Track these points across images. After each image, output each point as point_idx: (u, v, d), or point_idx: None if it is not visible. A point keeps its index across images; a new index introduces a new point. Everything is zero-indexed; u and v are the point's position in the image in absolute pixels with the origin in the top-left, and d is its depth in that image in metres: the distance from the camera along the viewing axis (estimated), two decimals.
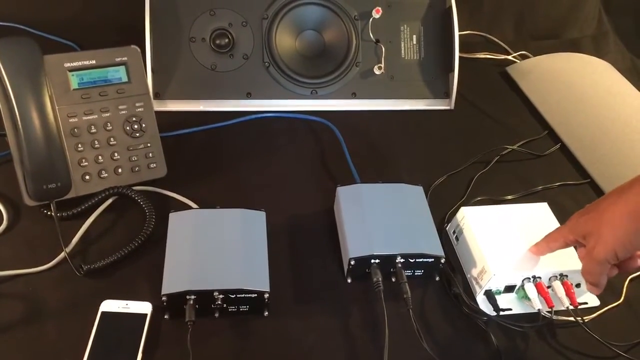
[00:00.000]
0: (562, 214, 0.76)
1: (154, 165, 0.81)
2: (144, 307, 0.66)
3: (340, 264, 0.74)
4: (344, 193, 0.78)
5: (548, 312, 0.68)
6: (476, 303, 0.70)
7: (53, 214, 0.72)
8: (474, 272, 0.72)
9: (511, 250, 0.71)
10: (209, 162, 0.87)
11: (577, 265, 0.70)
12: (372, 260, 0.70)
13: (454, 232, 0.78)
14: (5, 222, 0.74)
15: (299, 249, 0.76)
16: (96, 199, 0.76)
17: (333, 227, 0.79)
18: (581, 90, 1.06)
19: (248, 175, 0.86)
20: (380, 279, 0.69)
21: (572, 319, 0.68)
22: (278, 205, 0.79)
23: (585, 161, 0.93)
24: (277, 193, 0.84)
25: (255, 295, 0.65)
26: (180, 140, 0.90)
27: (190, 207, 0.78)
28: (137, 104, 0.79)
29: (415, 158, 0.92)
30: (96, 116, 0.76)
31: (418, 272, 0.72)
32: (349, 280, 0.72)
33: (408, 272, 0.71)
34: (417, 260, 0.71)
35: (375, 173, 0.86)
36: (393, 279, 0.72)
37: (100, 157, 0.77)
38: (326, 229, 0.79)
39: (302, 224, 0.79)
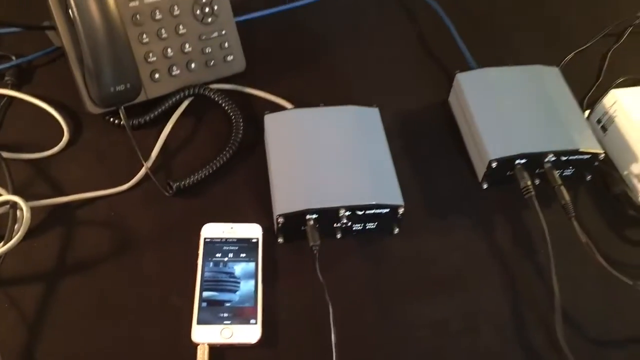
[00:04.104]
0: None
1: (231, 57, 0.66)
2: (254, 230, 0.55)
3: (470, 167, 0.62)
4: (465, 81, 0.64)
5: None
6: None
7: (124, 122, 0.59)
8: (636, 168, 0.60)
9: None
10: (290, 51, 0.73)
11: None
12: (517, 161, 0.58)
13: (598, 122, 0.65)
14: (66, 135, 0.62)
15: (417, 151, 0.64)
16: (170, 102, 0.63)
17: (452, 123, 0.66)
18: None
19: (339, 66, 0.71)
20: (530, 183, 0.57)
21: None
22: (384, 100, 0.65)
23: None
24: (378, 85, 0.70)
25: (388, 210, 0.54)
26: (250, 28, 0.74)
27: (283, 107, 0.65)
28: None
29: (532, 35, 0.77)
30: None
31: (567, 172, 0.60)
32: (485, 186, 0.61)
33: (556, 173, 0.58)
34: (569, 158, 0.58)
35: (490, 55, 0.70)
36: (537, 182, 0.60)
37: (169, 50, 0.63)
38: (444, 126, 0.66)
39: (414, 121, 0.66)
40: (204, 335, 0.48)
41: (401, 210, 0.54)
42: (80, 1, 0.54)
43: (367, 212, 0.54)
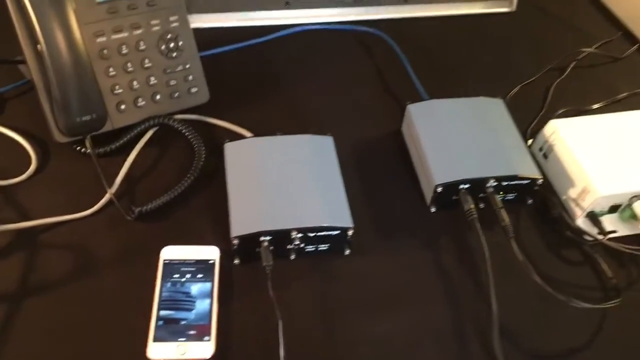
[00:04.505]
0: None
1: (195, 89, 0.70)
2: (211, 252, 0.57)
3: (419, 192, 0.66)
4: (416, 111, 0.68)
5: None
6: (579, 227, 0.63)
7: (90, 150, 0.62)
8: (572, 192, 0.64)
9: (615, 165, 0.63)
10: (252, 84, 0.77)
11: None
12: (461, 186, 0.62)
13: (540, 149, 0.70)
14: (34, 163, 0.64)
15: (371, 177, 0.67)
16: (135, 132, 0.67)
17: (403, 151, 0.70)
18: None
19: (297, 98, 0.76)
20: (473, 206, 0.61)
21: None
22: (339, 130, 0.69)
23: None
24: (334, 115, 0.74)
25: (338, 232, 0.57)
26: (215, 61, 0.78)
27: (243, 136, 0.68)
28: (171, 18, 0.67)
29: (482, 68, 0.82)
30: (126, 34, 0.65)
31: (509, 196, 0.64)
32: (433, 210, 0.64)
33: (498, 197, 0.62)
34: (510, 183, 0.62)
35: (440, 88, 0.76)
36: (481, 206, 0.63)
37: (135, 83, 0.66)
38: (396, 154, 0.70)
39: (367, 149, 0.70)
40: (159, 352, 0.51)
41: (350, 232, 0.57)
42: (48, 37, 0.58)
43: (318, 233, 0.57)
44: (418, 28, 0.87)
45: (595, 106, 0.76)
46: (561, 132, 0.66)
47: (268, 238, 0.56)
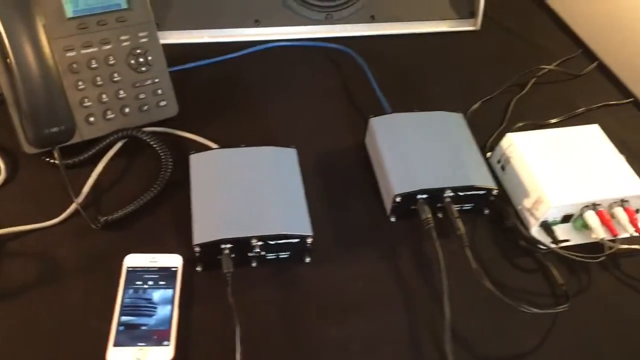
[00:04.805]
0: (609, 136, 0.71)
1: (164, 103, 0.72)
2: (174, 260, 0.59)
3: (380, 203, 0.68)
4: (378, 124, 0.71)
5: (610, 241, 0.63)
6: (532, 236, 0.65)
7: (58, 161, 0.64)
8: (527, 202, 0.66)
9: (567, 176, 0.65)
10: (221, 98, 0.79)
11: (639, 189, 0.65)
12: (419, 196, 0.64)
13: (498, 162, 0.72)
14: (3, 174, 0.66)
15: (333, 188, 0.69)
16: (104, 143, 0.68)
17: (366, 163, 0.72)
18: (616, 3, 0.98)
19: (265, 111, 0.78)
20: (429, 215, 0.63)
21: (637, 246, 0.63)
22: (304, 142, 0.71)
23: (626, 79, 0.86)
24: (301, 128, 0.76)
25: (298, 240, 0.59)
26: (187, 76, 0.81)
27: (209, 148, 0.70)
28: (141, 34, 0.69)
29: (445, 84, 0.85)
30: (96, 49, 0.67)
31: (467, 206, 0.66)
32: (393, 219, 0.66)
33: (456, 207, 0.64)
34: (467, 193, 0.65)
35: (404, 102, 0.78)
36: (440, 215, 0.66)
37: (104, 96, 0.68)
38: (359, 165, 0.72)
39: (332, 161, 0.72)
40: (118, 356, 0.52)
41: (310, 240, 0.59)
42: (17, 51, 0.60)
43: (278, 241, 0.58)
44: (385, 45, 0.90)
45: (553, 121, 0.79)
46: (517, 144, 0.69)
47: (229, 246, 0.57)
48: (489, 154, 0.74)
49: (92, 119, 0.68)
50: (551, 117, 0.79)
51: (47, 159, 0.67)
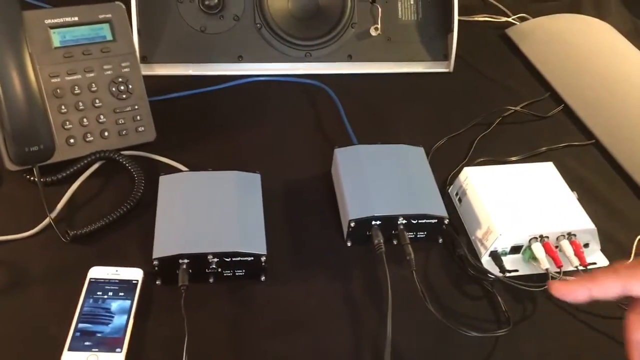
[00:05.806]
0: (567, 175, 0.74)
1: (142, 128, 0.77)
2: (135, 273, 0.62)
3: (339, 228, 0.71)
4: (342, 155, 0.75)
5: (556, 272, 0.66)
6: (481, 265, 0.68)
7: (36, 178, 0.68)
8: (479, 233, 0.69)
9: (517, 209, 0.68)
10: (199, 127, 0.84)
11: (586, 224, 0.68)
12: (373, 222, 0.67)
13: (456, 194, 0.75)
14: None
15: (296, 213, 0.73)
16: (82, 164, 0.73)
17: (331, 191, 0.75)
18: (583, 52, 1.03)
19: (240, 140, 0.82)
20: (381, 240, 0.66)
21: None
22: (273, 170, 0.75)
23: (589, 122, 0.90)
24: (272, 157, 0.80)
25: (252, 258, 0.62)
26: (169, 106, 0.86)
27: (180, 171, 0.74)
28: (123, 64, 0.75)
29: (415, 121, 0.89)
30: (80, 76, 0.72)
31: (420, 235, 0.69)
32: (349, 244, 0.69)
33: (410, 235, 0.67)
34: (419, 221, 0.68)
35: (373, 136, 0.82)
36: (395, 242, 0.69)
37: (85, 120, 0.73)
38: (324, 193, 0.75)
39: (298, 188, 0.76)
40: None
41: (264, 259, 0.62)
42: (3, 75, 0.65)
43: (234, 259, 0.62)
44: (360, 83, 0.95)
45: (514, 158, 0.82)
46: (472, 178, 0.72)
47: (186, 261, 0.61)
48: (449, 187, 0.77)
49: (72, 140, 0.72)
50: (513, 155, 0.83)
51: (28, 176, 0.71)
